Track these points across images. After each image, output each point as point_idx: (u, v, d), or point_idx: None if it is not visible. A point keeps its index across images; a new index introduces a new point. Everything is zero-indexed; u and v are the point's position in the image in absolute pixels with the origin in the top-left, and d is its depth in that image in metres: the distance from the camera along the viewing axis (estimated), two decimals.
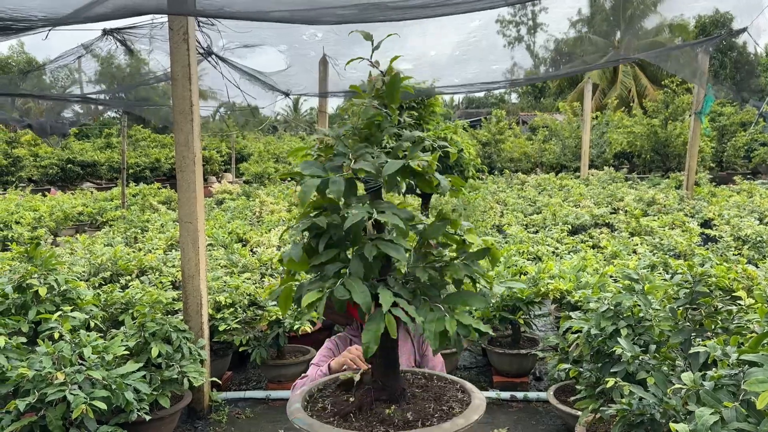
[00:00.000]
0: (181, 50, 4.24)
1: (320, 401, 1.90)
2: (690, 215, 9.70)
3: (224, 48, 4.88)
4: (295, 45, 5.20)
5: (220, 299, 4.77)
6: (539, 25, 48.63)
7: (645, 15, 35.93)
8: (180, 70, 4.25)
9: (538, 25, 48.24)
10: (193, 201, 4.31)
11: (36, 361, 3.32)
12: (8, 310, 4.09)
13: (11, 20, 3.06)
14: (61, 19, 3.16)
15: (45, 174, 20.40)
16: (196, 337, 4.34)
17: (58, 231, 11.45)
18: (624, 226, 8.75)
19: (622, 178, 14.79)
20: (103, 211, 12.34)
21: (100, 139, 24.78)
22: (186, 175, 4.30)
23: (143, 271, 6.27)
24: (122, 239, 8.93)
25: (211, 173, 20.53)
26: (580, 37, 36.84)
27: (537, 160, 19.33)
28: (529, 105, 49.74)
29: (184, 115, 4.26)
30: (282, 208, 11.89)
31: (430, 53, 6.12)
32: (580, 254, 6.64)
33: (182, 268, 4.39)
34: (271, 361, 4.90)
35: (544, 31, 47.77)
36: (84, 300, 4.37)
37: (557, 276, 4.90)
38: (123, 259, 6.22)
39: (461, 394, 1.84)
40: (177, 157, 4.35)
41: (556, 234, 8.23)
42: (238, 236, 8.80)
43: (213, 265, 6.13)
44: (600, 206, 10.85)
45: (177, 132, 4.31)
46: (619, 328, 3.20)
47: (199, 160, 4.36)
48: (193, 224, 4.33)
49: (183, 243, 4.36)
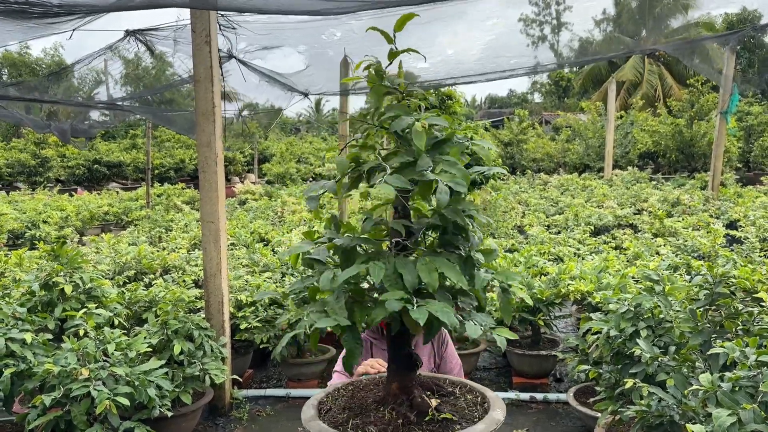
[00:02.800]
0: (204, 52, 4.30)
1: None
2: (715, 216, 9.56)
3: (244, 51, 4.95)
4: (314, 45, 5.25)
5: (242, 298, 4.83)
6: (563, 24, 48.20)
7: (672, 14, 35.41)
8: (203, 71, 4.32)
9: (562, 24, 47.82)
10: (215, 201, 4.37)
11: (61, 357, 3.40)
12: (35, 307, 4.19)
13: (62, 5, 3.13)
14: (105, 7, 3.24)
15: (72, 174, 20.79)
16: (217, 335, 4.40)
17: (84, 230, 11.67)
18: (647, 227, 8.65)
19: (646, 179, 14.61)
20: (128, 211, 12.55)
21: (126, 139, 25.19)
22: (208, 176, 4.36)
23: (167, 270, 6.37)
24: (146, 238, 9.07)
25: (234, 174, 20.75)
26: (606, 37, 36.39)
27: (560, 160, 19.18)
28: (553, 105, 49.33)
29: (206, 116, 4.33)
30: (303, 209, 11.97)
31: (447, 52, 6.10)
32: (602, 255, 6.59)
33: (204, 267, 4.45)
34: (291, 359, 4.94)
35: (569, 30, 47.33)
36: (108, 298, 4.46)
37: (578, 277, 4.87)
38: (147, 258, 6.32)
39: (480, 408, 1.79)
40: (199, 157, 4.42)
41: (579, 235, 8.17)
42: (260, 236, 8.89)
43: (235, 265, 6.21)
44: (623, 207, 10.74)
45: (199, 133, 4.37)
46: (639, 329, 3.17)
47: (221, 160, 4.42)
48: (214, 224, 4.39)
49: (205, 242, 4.42)
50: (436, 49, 5.42)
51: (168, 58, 5.73)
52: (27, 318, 3.87)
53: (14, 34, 3.67)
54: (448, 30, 4.96)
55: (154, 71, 7.71)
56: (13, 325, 3.70)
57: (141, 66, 9.25)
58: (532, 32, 48.62)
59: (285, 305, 5.03)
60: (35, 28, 4.01)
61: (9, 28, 3.39)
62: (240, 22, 4.59)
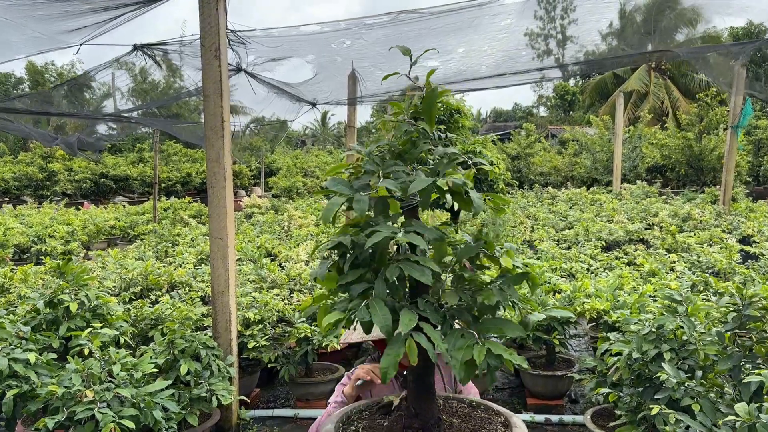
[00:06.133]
0: (213, 66, 4.25)
1: (354, 424, 1.83)
2: (727, 231, 9.43)
3: (252, 63, 4.89)
4: (323, 54, 5.20)
5: (249, 315, 4.73)
6: (569, 38, 48.23)
7: (677, 27, 35.40)
8: (212, 86, 4.26)
9: (567, 38, 47.86)
10: (223, 217, 4.29)
11: (66, 378, 3.30)
12: (39, 326, 4.11)
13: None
14: None
15: (79, 188, 20.80)
16: (224, 354, 4.30)
17: (91, 245, 11.61)
18: (659, 242, 8.52)
19: (655, 193, 14.48)
20: (135, 225, 12.50)
21: (133, 153, 25.23)
22: (217, 191, 4.29)
23: (173, 286, 6.29)
24: (153, 253, 9.00)
25: (241, 187, 20.73)
26: (611, 50, 36.32)
27: (567, 174, 19.07)
28: (558, 118, 49.31)
29: (215, 131, 4.26)
30: (310, 223, 11.89)
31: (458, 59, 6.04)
32: (616, 272, 6.48)
33: (212, 284, 4.36)
34: (300, 378, 4.84)
35: (574, 43, 47.37)
36: (114, 316, 4.38)
37: (593, 295, 4.76)
38: (153, 273, 6.24)
39: (503, 429, 1.73)
40: (208, 173, 4.35)
41: (590, 250, 8.06)
42: (266, 250, 8.80)
43: (242, 281, 6.12)
44: (634, 222, 10.61)
45: (208, 148, 4.31)
46: (662, 351, 3.06)
47: (230, 176, 4.35)
48: (223, 240, 4.31)
49: (213, 259, 4.33)
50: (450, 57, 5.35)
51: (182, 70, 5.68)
52: (31, 337, 3.78)
53: (19, 46, 3.62)
54: (463, 40, 4.92)
55: (162, 83, 7.67)
56: (17, 344, 3.62)
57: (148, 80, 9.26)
58: (538, 46, 48.67)
59: (293, 323, 4.93)
60: (41, 40, 3.97)
61: (14, 39, 3.34)
62: (250, 37, 4.55)
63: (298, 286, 6.27)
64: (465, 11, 4.02)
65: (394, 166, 1.90)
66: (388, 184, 1.75)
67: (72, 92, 12.47)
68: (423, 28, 4.42)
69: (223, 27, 4.27)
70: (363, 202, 1.73)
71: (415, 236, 1.69)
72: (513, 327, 1.90)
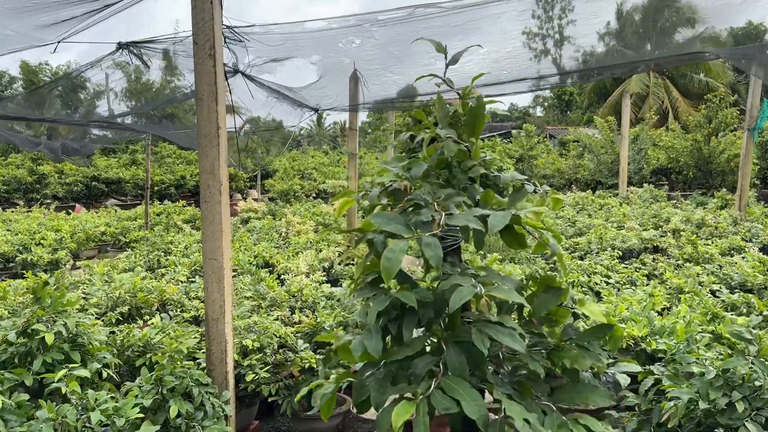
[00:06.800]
0: (207, 67, 3.78)
1: None
2: (746, 239, 9.02)
3: (251, 65, 4.42)
4: (329, 54, 4.72)
5: (247, 343, 4.27)
6: (566, 38, 47.94)
7: (675, 28, 35.10)
8: (206, 89, 3.79)
9: (565, 38, 47.56)
10: (218, 235, 3.83)
11: (36, 428, 2.85)
12: (11, 360, 3.64)
13: None
14: None
15: (70, 191, 20.26)
16: (220, 390, 3.84)
17: (80, 252, 11.12)
18: (678, 251, 8.10)
19: (664, 197, 14.07)
20: (126, 231, 12.01)
21: (126, 155, 24.67)
22: (211, 206, 3.82)
23: (165, 304, 5.83)
24: (144, 263, 8.53)
25: (236, 190, 20.23)
26: (608, 50, 36.04)
27: (571, 176, 18.64)
28: (555, 119, 49.03)
29: (210, 139, 3.80)
30: (309, 229, 11.43)
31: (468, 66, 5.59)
32: (642, 288, 6.05)
33: (206, 311, 3.90)
34: (303, 413, 4.38)
35: (571, 44, 47.11)
36: (95, 345, 3.92)
37: (629, 319, 4.31)
38: (143, 290, 5.78)
39: None
40: (201, 185, 3.88)
41: (606, 261, 7.62)
42: (264, 260, 8.34)
43: (239, 299, 5.65)
44: (646, 228, 10.19)
45: (202, 158, 3.84)
46: (734, 401, 2.62)
47: (226, 189, 3.88)
48: (218, 261, 3.84)
49: (207, 282, 3.87)
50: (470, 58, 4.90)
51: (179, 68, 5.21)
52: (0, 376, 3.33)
53: None
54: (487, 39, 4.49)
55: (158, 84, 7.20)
56: None
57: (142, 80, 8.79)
58: (535, 46, 48.40)
59: (297, 350, 4.47)
60: (14, 37, 3.49)
61: None
62: (248, 33, 4.08)
63: (300, 303, 5.81)
64: (491, 5, 3.57)
65: (451, 197, 1.50)
66: (461, 220, 1.36)
67: (66, 93, 12.00)
68: (441, 26, 3.97)
69: (218, 22, 3.81)
70: (435, 247, 1.35)
71: (503, 290, 1.29)
72: (600, 394, 1.51)
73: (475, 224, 1.34)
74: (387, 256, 1.36)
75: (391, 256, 1.35)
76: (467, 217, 1.37)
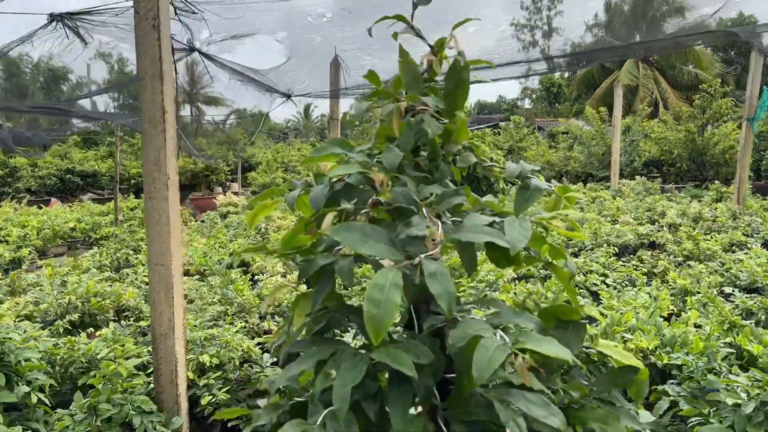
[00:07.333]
0: (150, 40, 3.24)
1: None
2: (747, 235, 8.59)
3: (208, 41, 3.86)
4: (297, 30, 4.17)
5: (205, 359, 3.74)
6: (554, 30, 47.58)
7: (664, 18, 34.78)
8: (149, 65, 3.25)
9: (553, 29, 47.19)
10: (166, 237, 3.30)
11: None
12: None
13: None
14: None
15: (43, 185, 19.52)
16: (170, 416, 3.32)
17: (47, 250, 10.50)
18: (676, 247, 7.65)
19: (658, 189, 13.64)
20: (97, 227, 11.39)
21: (103, 147, 23.89)
22: (157, 204, 3.29)
23: (122, 310, 5.29)
24: (110, 262, 7.98)
25: (217, 183, 19.59)
26: (597, 41, 35.67)
27: (561, 168, 18.20)
28: (544, 111, 48.74)
29: (154, 124, 3.26)
30: (290, 224, 10.88)
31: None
32: (641, 286, 5.60)
33: (152, 325, 3.37)
34: None
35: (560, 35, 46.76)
36: (27, 364, 3.38)
37: (636, 328, 3.84)
38: (99, 295, 5.23)
39: None
40: (145, 179, 3.35)
41: (602, 258, 7.14)
42: (241, 259, 7.80)
43: (203, 304, 5.11)
44: (642, 222, 9.75)
45: (146, 146, 3.31)
46: None
47: (175, 183, 3.35)
48: (166, 267, 3.31)
49: (153, 292, 3.34)
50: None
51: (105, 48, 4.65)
52: None
53: None
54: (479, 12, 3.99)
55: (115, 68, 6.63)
56: None
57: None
58: (523, 37, 47.99)
59: (263, 365, 3.96)
60: None
61: None
62: (203, 3, 3.54)
63: (272, 308, 5.29)
64: None
65: (447, 198, 1.01)
66: (475, 234, 0.88)
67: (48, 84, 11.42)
68: None
69: None
70: (445, 280, 0.91)
71: (543, 342, 0.82)
72: None
73: (499, 239, 0.85)
74: (372, 297, 0.85)
75: (379, 299, 0.84)
76: (482, 229, 0.88)
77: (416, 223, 0.96)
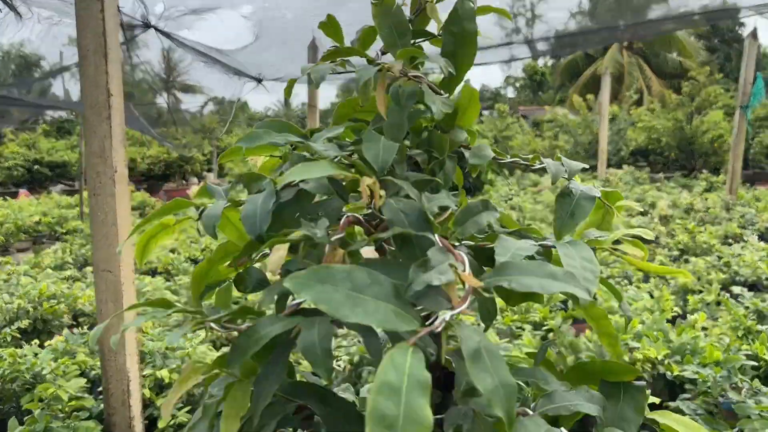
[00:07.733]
0: (92, 12, 2.79)
1: None
2: (741, 226, 8.32)
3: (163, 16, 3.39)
4: (264, 5, 3.69)
5: (163, 375, 3.32)
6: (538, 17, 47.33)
7: (649, 5, 34.62)
8: (91, 41, 2.80)
9: (537, 16, 46.92)
10: (113, 239, 2.86)
11: None
12: None
13: None
14: None
15: (10, 176, 18.78)
16: None
17: (9, 245, 9.94)
18: (670, 240, 7.35)
19: (647, 179, 13.37)
20: (63, 221, 10.85)
21: (74, 136, 23.09)
22: (102, 200, 2.85)
23: (78, 315, 4.84)
24: (74, 259, 7.49)
25: (192, 173, 18.99)
26: (581, 29, 35.48)
27: (547, 158, 17.82)
28: (527, 99, 48.51)
29: (98, 110, 2.81)
30: None
31: None
32: (638, 282, 5.28)
33: (100, 342, 2.94)
34: None
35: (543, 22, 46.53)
36: None
37: (642, 335, 3.48)
38: (55, 298, 4.77)
39: None
40: (89, 173, 2.90)
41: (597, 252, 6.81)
42: None
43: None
44: (631, 214, 9.45)
45: (89, 135, 2.86)
46: None
47: (123, 177, 2.91)
48: (114, 274, 2.88)
49: (99, 302, 2.90)
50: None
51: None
52: None
53: None
54: None
55: None
56: None
57: None
58: (506, 24, 47.68)
59: None
60: None
61: None
62: None
63: None
64: None
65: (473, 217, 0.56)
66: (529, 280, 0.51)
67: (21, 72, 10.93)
68: None
69: None
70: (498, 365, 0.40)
71: None
72: None
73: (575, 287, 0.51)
74: (379, 412, 0.37)
75: (393, 415, 0.38)
76: (538, 270, 0.49)
77: (437, 261, 0.53)
